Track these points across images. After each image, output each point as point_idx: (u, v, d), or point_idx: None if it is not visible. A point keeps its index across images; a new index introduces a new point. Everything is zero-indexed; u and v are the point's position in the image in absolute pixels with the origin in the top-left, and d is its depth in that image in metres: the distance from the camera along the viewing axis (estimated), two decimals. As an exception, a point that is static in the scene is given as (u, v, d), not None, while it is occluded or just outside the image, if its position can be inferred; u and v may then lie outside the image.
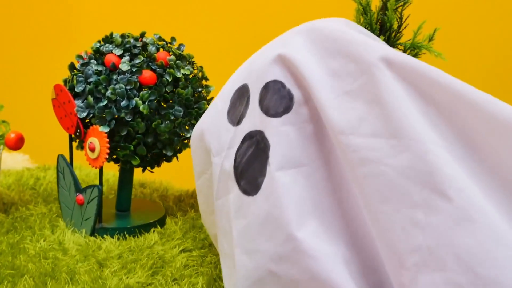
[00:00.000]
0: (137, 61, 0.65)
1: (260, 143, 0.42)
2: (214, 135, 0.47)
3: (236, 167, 0.44)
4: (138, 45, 0.67)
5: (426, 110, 0.39)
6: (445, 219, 0.35)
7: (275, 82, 0.43)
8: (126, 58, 0.65)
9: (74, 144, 0.69)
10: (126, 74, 0.64)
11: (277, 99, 0.42)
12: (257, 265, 0.40)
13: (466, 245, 0.35)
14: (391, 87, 0.39)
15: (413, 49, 0.62)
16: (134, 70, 0.64)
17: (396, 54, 0.40)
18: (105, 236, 0.64)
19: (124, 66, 0.64)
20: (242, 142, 0.44)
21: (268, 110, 0.43)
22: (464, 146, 0.38)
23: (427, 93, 0.39)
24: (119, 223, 0.67)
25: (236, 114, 0.46)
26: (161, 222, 0.70)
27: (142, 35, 0.70)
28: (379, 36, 0.63)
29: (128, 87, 0.64)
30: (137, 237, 0.65)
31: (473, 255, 0.34)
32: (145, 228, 0.67)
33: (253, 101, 0.44)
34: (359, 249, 0.41)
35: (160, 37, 0.73)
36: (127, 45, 0.67)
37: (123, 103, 0.63)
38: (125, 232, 0.65)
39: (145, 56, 0.67)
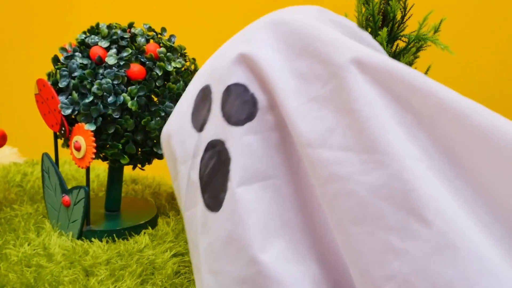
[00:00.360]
0: (125, 54, 0.61)
1: (221, 155, 0.38)
2: (179, 141, 0.43)
3: (200, 178, 0.40)
4: (126, 36, 0.63)
5: (403, 119, 0.34)
6: (423, 245, 0.31)
7: (237, 85, 0.39)
8: (113, 50, 0.62)
9: (60, 141, 0.65)
10: (113, 68, 0.61)
11: (239, 104, 0.38)
12: (221, 286, 0.37)
13: (446, 275, 0.31)
14: (363, 93, 0.34)
15: (418, 42, 0.58)
16: (121, 63, 0.61)
17: (369, 54, 0.36)
18: (93, 239, 0.61)
19: (110, 59, 0.61)
20: (205, 151, 0.40)
21: (230, 118, 0.38)
22: (447, 161, 0.34)
23: (405, 99, 0.35)
24: (108, 225, 0.64)
25: (199, 119, 0.42)
26: (153, 223, 0.67)
27: (130, 25, 0.66)
28: (381, 27, 0.59)
29: (115, 82, 0.60)
30: (127, 239, 0.62)
31: (454, 286, 0.31)
32: (136, 230, 0.64)
33: (215, 105, 0.40)
34: (330, 266, 0.38)
35: (150, 27, 0.69)
36: (114, 37, 0.63)
37: (110, 99, 0.59)
38: (114, 235, 0.62)
39: (134, 48, 0.63)
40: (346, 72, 0.35)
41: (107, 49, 0.62)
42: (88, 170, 0.61)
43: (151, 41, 0.65)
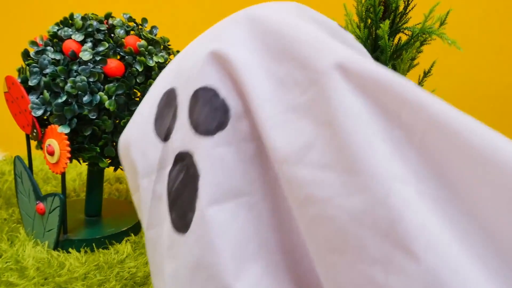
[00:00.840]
0: (101, 48, 0.56)
1: (189, 169, 0.33)
2: (140, 151, 0.37)
3: (168, 193, 0.35)
4: (102, 28, 0.58)
5: (391, 135, 0.30)
6: (409, 282, 0.27)
7: (206, 89, 0.34)
8: (88, 44, 0.56)
9: (34, 143, 0.61)
10: (88, 64, 0.55)
11: (208, 112, 0.33)
12: None
13: None
14: (346, 103, 0.30)
15: (422, 35, 0.53)
16: (97, 59, 0.55)
17: (355, 59, 0.31)
18: (70, 249, 0.56)
19: (85, 54, 0.55)
20: (174, 163, 0.35)
21: (198, 127, 0.33)
22: (439, 185, 0.29)
23: (393, 112, 0.30)
24: (87, 233, 0.59)
25: (163, 126, 0.37)
26: (136, 229, 0.62)
27: (108, 16, 0.60)
28: (382, 19, 0.54)
29: (90, 80, 0.55)
30: (108, 248, 0.58)
31: None
32: (117, 237, 0.59)
33: (182, 112, 0.35)
34: None
35: (130, 17, 0.63)
36: (89, 29, 0.57)
37: (86, 98, 0.54)
38: (93, 244, 0.57)
39: (111, 42, 0.58)
40: (327, 79, 0.30)
41: (82, 42, 0.57)
42: (63, 175, 0.57)
43: (132, 33, 0.60)
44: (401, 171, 0.29)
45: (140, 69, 0.57)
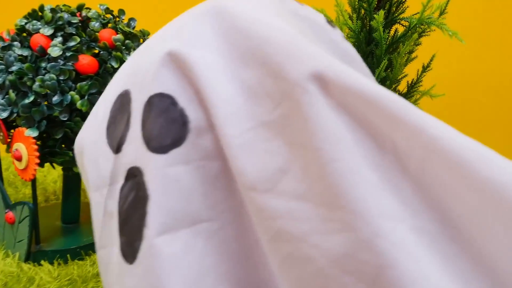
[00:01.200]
0: (72, 43, 0.52)
1: (140, 189, 0.29)
2: (92, 161, 0.33)
3: (119, 213, 0.30)
4: (74, 21, 0.53)
5: (380, 161, 0.25)
6: None
7: (161, 96, 0.29)
8: (58, 39, 0.52)
9: (3, 146, 0.56)
10: (59, 60, 0.51)
11: (163, 124, 0.28)
12: None
13: None
14: (326, 123, 0.25)
15: (420, 26, 0.49)
16: (68, 55, 0.51)
17: (337, 69, 0.25)
18: (43, 261, 0.52)
19: (55, 50, 0.51)
20: (126, 179, 0.30)
21: (150, 142, 0.28)
22: (438, 220, 0.25)
23: (384, 135, 0.25)
24: (62, 243, 0.55)
25: (116, 135, 0.32)
26: (116, 237, 0.58)
27: (80, 8, 0.56)
28: (377, 9, 0.50)
29: (61, 78, 0.50)
30: (83, 259, 0.54)
31: None
32: (94, 247, 0.55)
33: (135, 120, 0.30)
34: None
35: (107, 8, 0.59)
36: (60, 22, 0.53)
37: (55, 98, 0.50)
38: (68, 255, 0.53)
39: (84, 36, 0.53)
40: (302, 92, 0.25)
41: (51, 37, 0.52)
42: (33, 182, 0.52)
43: (109, 25, 0.55)
44: (392, 206, 0.24)
45: (116, 66, 0.52)
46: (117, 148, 0.31)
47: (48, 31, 0.52)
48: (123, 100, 0.32)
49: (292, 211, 0.25)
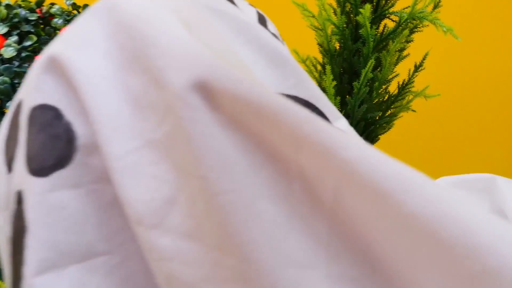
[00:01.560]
0: (29, 42, 0.47)
1: (19, 219, 0.25)
2: None
3: (12, 243, 0.26)
4: (32, 18, 0.49)
5: (286, 190, 0.21)
6: None
7: (44, 108, 0.25)
8: (13, 38, 0.47)
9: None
10: (13, 62, 0.47)
11: (44, 141, 0.24)
12: None
13: None
14: (213, 146, 0.21)
15: (412, 21, 0.45)
16: (24, 55, 0.47)
17: (226, 74, 0.21)
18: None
19: (8, 50, 0.46)
20: (17, 203, 0.26)
21: (30, 162, 0.24)
22: (360, 262, 0.21)
23: (289, 159, 0.21)
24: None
25: (10, 151, 0.27)
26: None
27: (40, 3, 0.51)
28: (364, 2, 0.45)
29: (16, 81, 0.46)
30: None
31: None
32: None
33: (21, 136, 0.26)
34: None
35: (74, 3, 0.54)
36: (15, 19, 0.48)
37: (9, 104, 0.45)
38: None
39: (43, 34, 0.49)
40: (182, 107, 0.21)
41: (6, 36, 0.48)
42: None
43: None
44: (301, 250, 0.20)
45: (78, 67, 0.48)
46: (9, 166, 0.27)
47: (2, 29, 0.48)
48: (16, 112, 0.27)
49: (182, 253, 0.21)
